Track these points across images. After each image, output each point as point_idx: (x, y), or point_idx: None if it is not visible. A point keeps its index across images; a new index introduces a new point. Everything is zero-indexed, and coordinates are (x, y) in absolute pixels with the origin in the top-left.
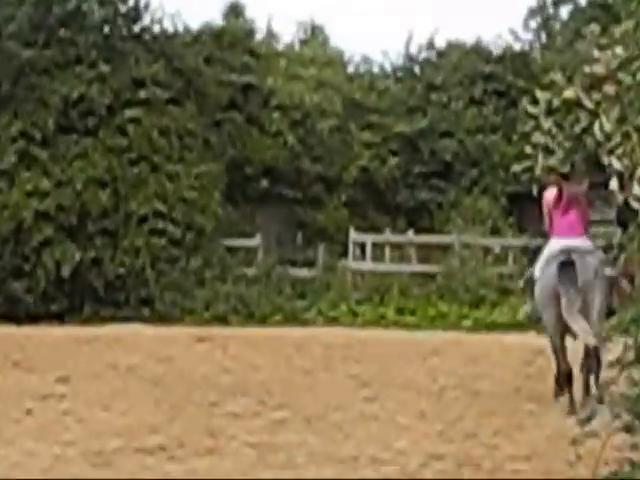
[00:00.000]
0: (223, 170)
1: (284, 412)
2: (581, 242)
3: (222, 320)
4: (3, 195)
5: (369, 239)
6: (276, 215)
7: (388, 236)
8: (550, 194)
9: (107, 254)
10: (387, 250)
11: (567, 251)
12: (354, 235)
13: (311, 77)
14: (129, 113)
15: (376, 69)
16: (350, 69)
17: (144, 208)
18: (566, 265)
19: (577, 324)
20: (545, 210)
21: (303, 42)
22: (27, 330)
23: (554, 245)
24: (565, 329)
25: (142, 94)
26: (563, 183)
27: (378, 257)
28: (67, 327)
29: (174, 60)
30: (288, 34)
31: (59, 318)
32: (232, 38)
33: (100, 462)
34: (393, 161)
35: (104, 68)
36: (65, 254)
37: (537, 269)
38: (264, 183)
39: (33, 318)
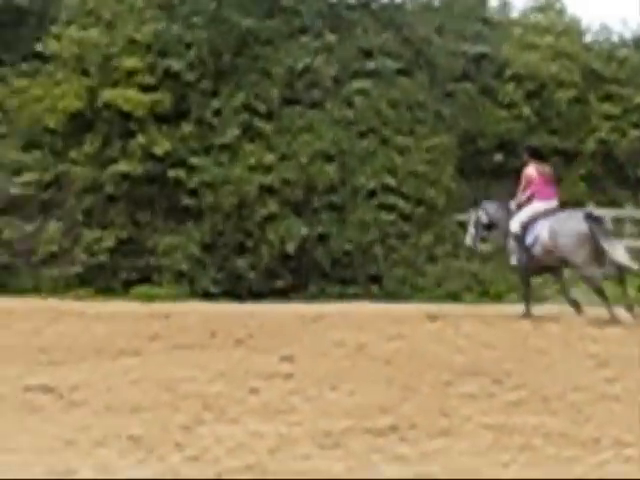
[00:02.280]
0: (455, 143)
1: (520, 392)
2: (557, 205)
3: (454, 297)
4: (226, 169)
5: (608, 214)
6: (510, 189)
7: (629, 211)
8: (532, 168)
9: (334, 229)
10: (627, 226)
11: (552, 210)
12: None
13: (547, 46)
14: (357, 84)
15: (615, 38)
16: (587, 38)
17: (372, 182)
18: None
19: (621, 256)
20: (524, 182)
21: (538, 10)
22: (250, 307)
23: (538, 205)
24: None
25: (370, 65)
26: (537, 161)
27: (618, 233)
28: (292, 304)
29: (403, 29)
30: (522, 2)
31: (283, 295)
32: (464, 6)
33: (328, 443)
34: (634, 133)
35: (330, 38)
36: (290, 230)
37: (516, 225)
38: (498, 157)
39: (257, 295)
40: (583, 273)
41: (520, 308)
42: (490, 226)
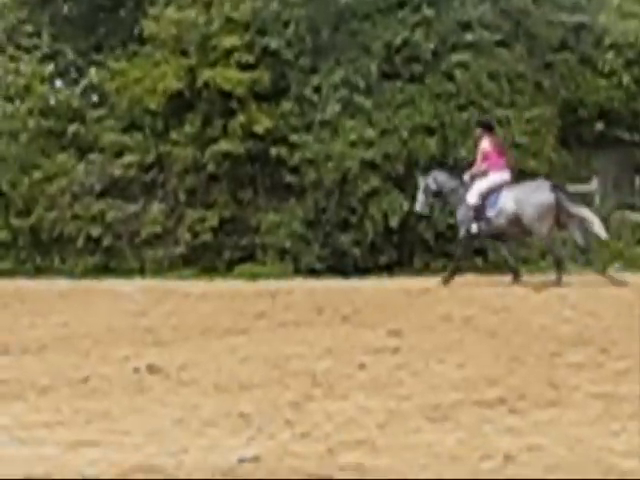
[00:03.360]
0: (556, 113)
1: (627, 362)
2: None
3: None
4: (327, 145)
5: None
6: (613, 159)
7: None
8: (486, 142)
9: (437, 203)
10: None
11: (507, 182)
12: None
13: None
14: (456, 57)
15: None
16: None
17: (474, 154)
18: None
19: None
20: (481, 154)
21: None
22: (355, 283)
23: (494, 177)
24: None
25: (469, 37)
26: (490, 134)
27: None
28: (397, 279)
29: (501, 1)
30: None
31: (388, 270)
32: None
33: (437, 416)
34: None
35: (428, 12)
36: (393, 204)
37: (474, 196)
38: (599, 126)
39: (361, 271)
40: (546, 243)
41: (623, 277)
42: (438, 194)
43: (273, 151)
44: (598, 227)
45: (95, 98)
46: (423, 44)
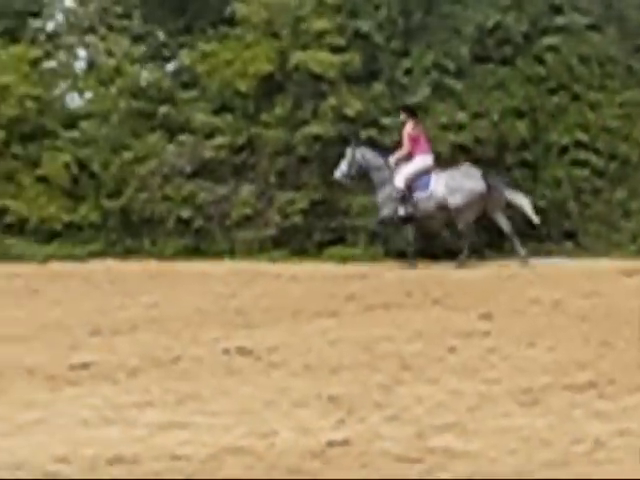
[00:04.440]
0: None
1: None
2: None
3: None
4: None
5: None
6: None
7: None
8: (410, 126)
9: (527, 186)
10: None
11: (432, 166)
12: None
13: None
14: (547, 41)
15: None
16: None
17: (565, 138)
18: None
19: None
20: (407, 138)
21: None
22: (445, 266)
23: (421, 161)
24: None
25: (560, 21)
26: (414, 118)
27: None
28: (487, 262)
29: None
30: None
31: (478, 253)
32: None
33: (527, 400)
34: None
35: None
36: None
37: (401, 180)
38: None
39: (452, 254)
40: (465, 229)
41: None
42: (361, 169)
43: (364, 134)
44: (530, 211)
45: (186, 79)
46: (514, 27)
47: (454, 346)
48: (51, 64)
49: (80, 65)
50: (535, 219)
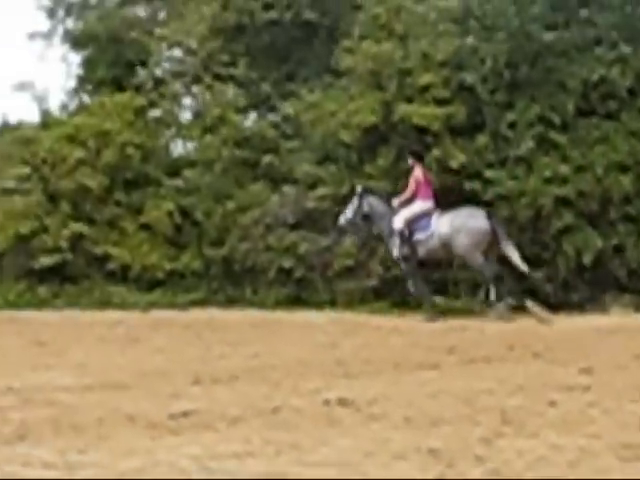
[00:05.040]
0: None
1: None
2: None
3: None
4: (520, 182)
5: None
6: None
7: None
8: (419, 171)
9: (630, 241)
10: None
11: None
12: None
13: None
14: None
15: None
16: None
17: None
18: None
19: (516, 258)
20: (414, 182)
21: None
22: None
23: (421, 205)
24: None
25: None
26: (420, 163)
27: None
28: (588, 317)
29: None
30: None
31: (579, 307)
32: None
33: (629, 455)
34: None
35: (625, 49)
36: (586, 241)
37: (400, 222)
38: None
39: (553, 307)
40: (479, 269)
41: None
42: (367, 217)
43: (467, 186)
44: (519, 261)
45: (289, 129)
46: (619, 81)
47: (555, 400)
48: (156, 112)
49: (185, 113)
50: (524, 268)
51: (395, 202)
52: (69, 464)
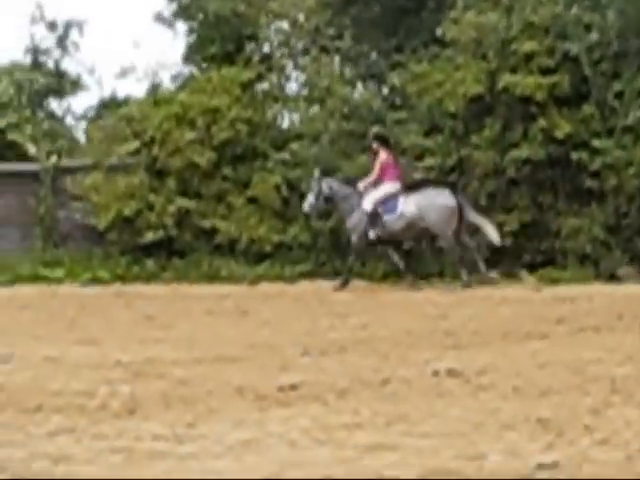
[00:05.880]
0: None
1: None
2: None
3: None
4: (628, 151)
5: None
6: None
7: None
8: (384, 154)
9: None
10: None
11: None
12: None
13: None
14: None
15: None
16: None
17: None
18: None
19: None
20: (379, 164)
21: None
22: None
23: (389, 187)
24: None
25: None
26: (386, 146)
27: None
28: None
29: None
30: None
31: None
32: None
33: None
34: None
35: None
36: None
37: (368, 203)
38: None
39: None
40: (448, 245)
41: None
42: (330, 199)
43: (574, 156)
44: (493, 233)
45: (396, 100)
46: None
47: None
48: (263, 86)
49: (292, 86)
50: (496, 240)
51: (361, 185)
52: (179, 437)
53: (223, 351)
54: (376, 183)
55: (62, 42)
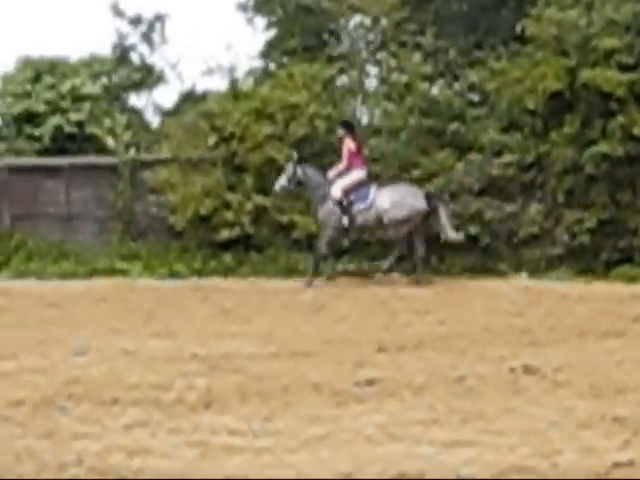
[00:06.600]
0: None
1: None
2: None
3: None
4: None
5: None
6: None
7: None
8: (350, 142)
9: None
10: None
11: (366, 179)
12: None
13: None
14: None
15: None
16: None
17: None
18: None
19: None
20: (347, 152)
21: None
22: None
23: (357, 174)
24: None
25: None
26: (352, 134)
27: None
28: None
29: None
30: None
31: None
32: None
33: None
34: None
35: None
36: None
37: (338, 190)
38: None
39: None
40: (396, 238)
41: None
42: (301, 184)
43: None
44: (451, 232)
45: (475, 97)
46: None
47: None
48: (343, 80)
49: (371, 82)
50: (451, 235)
51: (330, 174)
52: (254, 431)
53: (299, 346)
54: (344, 172)
55: (147, 37)
